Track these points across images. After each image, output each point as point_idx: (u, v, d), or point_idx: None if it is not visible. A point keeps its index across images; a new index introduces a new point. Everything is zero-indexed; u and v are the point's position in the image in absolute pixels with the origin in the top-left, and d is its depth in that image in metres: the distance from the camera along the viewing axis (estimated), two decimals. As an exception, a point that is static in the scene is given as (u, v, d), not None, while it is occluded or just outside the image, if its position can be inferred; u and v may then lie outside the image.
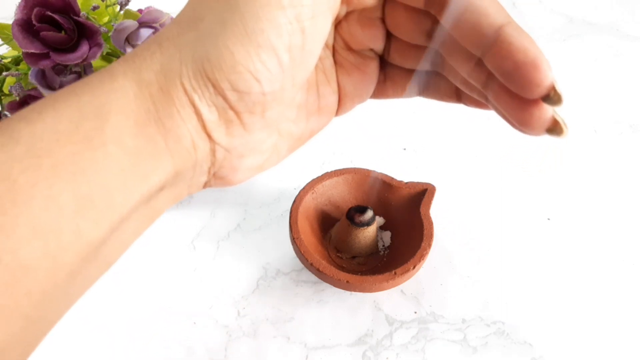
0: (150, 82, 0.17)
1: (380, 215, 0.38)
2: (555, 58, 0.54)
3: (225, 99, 0.17)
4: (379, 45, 0.21)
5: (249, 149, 0.19)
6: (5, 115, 0.34)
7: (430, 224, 0.35)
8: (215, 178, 0.20)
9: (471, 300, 0.36)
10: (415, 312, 0.36)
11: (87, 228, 0.16)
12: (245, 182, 0.42)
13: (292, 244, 0.35)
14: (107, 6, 0.34)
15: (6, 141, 0.15)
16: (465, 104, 0.22)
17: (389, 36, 0.21)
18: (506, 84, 0.17)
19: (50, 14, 0.31)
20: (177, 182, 0.18)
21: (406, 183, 0.38)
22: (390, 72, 0.22)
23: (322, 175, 0.38)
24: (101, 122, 0.16)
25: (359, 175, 0.38)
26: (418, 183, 0.38)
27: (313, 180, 0.38)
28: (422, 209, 0.36)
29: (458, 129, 0.48)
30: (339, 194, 0.39)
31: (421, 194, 0.37)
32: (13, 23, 0.31)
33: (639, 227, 0.40)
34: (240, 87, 0.17)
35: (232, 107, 0.18)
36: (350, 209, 0.35)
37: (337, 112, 0.23)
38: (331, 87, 0.22)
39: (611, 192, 0.43)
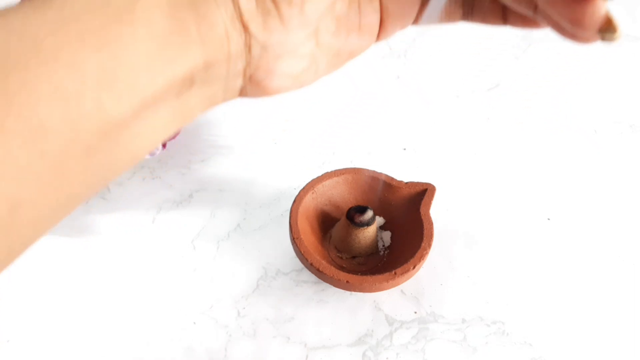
0: None
1: (380, 215, 0.38)
2: (555, 58, 0.54)
3: None
4: None
5: (286, 49, 0.19)
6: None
7: (430, 224, 0.35)
8: (251, 83, 0.19)
9: (471, 300, 0.36)
10: (415, 312, 0.36)
11: (109, 102, 0.15)
12: (245, 182, 0.43)
13: (292, 244, 0.35)
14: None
15: (39, 3, 0.15)
16: (512, 24, 0.21)
17: None
18: None
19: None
20: (210, 78, 0.18)
21: (406, 183, 0.38)
22: None
23: (322, 175, 0.38)
24: (133, 4, 0.16)
25: (359, 175, 0.38)
26: (418, 183, 0.38)
27: (313, 180, 0.38)
28: (422, 209, 0.36)
29: (458, 129, 0.48)
30: (339, 194, 0.39)
31: (421, 194, 0.37)
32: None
33: (639, 227, 0.40)
34: None
35: None
36: (350, 209, 0.35)
37: (379, 35, 0.22)
38: (373, 5, 0.21)
39: (611, 192, 0.43)
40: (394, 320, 0.35)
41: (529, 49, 0.55)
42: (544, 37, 0.56)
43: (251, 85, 0.19)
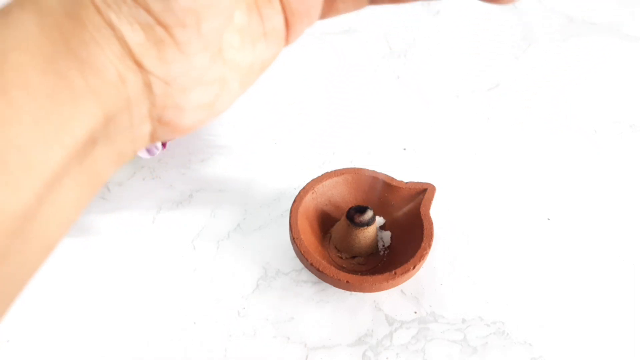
0: (53, 9, 0.14)
1: (380, 215, 0.38)
2: (555, 58, 0.54)
3: (148, 10, 0.14)
4: None
5: (191, 78, 0.16)
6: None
7: (430, 224, 0.35)
8: (161, 124, 0.17)
9: (471, 300, 0.36)
10: (415, 312, 0.36)
11: (5, 197, 0.13)
12: (245, 182, 0.43)
13: (292, 244, 0.35)
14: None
15: None
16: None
17: None
18: None
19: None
20: (113, 132, 0.15)
21: (406, 183, 0.38)
22: None
23: (322, 175, 0.38)
24: None
25: (359, 175, 0.38)
26: (418, 183, 0.38)
27: (313, 180, 0.38)
28: (422, 209, 0.36)
29: (458, 128, 0.48)
30: (339, 194, 0.39)
31: (421, 194, 0.37)
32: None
33: (638, 227, 0.40)
34: None
35: (159, 21, 0.15)
36: (350, 209, 0.35)
37: (287, 37, 0.20)
38: (274, 8, 0.19)
39: (611, 192, 0.43)
40: (394, 320, 0.35)
41: (529, 49, 0.55)
42: (544, 37, 0.56)
43: (162, 127, 0.17)
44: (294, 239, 0.34)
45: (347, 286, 0.33)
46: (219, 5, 0.15)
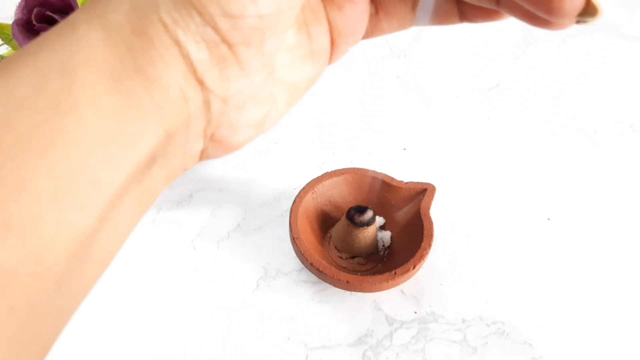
0: (120, 25, 0.14)
1: (380, 215, 0.38)
2: (555, 58, 0.54)
3: (215, 28, 0.14)
4: None
5: (247, 96, 0.16)
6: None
7: (430, 224, 0.35)
8: (213, 142, 0.17)
9: (471, 300, 0.36)
10: (415, 312, 0.36)
11: (72, 217, 0.13)
12: (245, 182, 0.43)
13: (292, 244, 0.35)
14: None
15: None
16: (470, 20, 0.19)
17: None
18: None
19: (50, 14, 0.31)
20: (170, 151, 0.15)
21: (406, 183, 0.38)
22: (382, 1, 0.20)
23: (322, 175, 0.38)
24: (68, 81, 0.13)
25: (359, 175, 0.38)
26: (418, 183, 0.38)
27: (313, 180, 0.38)
28: (422, 209, 0.36)
29: (458, 128, 0.48)
30: (339, 194, 0.39)
31: (421, 194, 0.37)
32: (13, 23, 0.31)
33: (638, 227, 0.40)
34: (233, 10, 0.14)
35: (224, 39, 0.14)
36: (350, 209, 0.35)
37: (331, 56, 0.20)
38: (322, 26, 0.19)
39: (611, 192, 0.43)
40: (394, 320, 0.35)
41: (529, 49, 0.55)
42: (544, 37, 0.56)
43: (213, 145, 0.17)
44: (294, 239, 0.34)
45: (347, 286, 0.33)
46: (282, 24, 0.16)
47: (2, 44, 0.35)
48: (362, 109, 0.49)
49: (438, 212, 0.39)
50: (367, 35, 0.21)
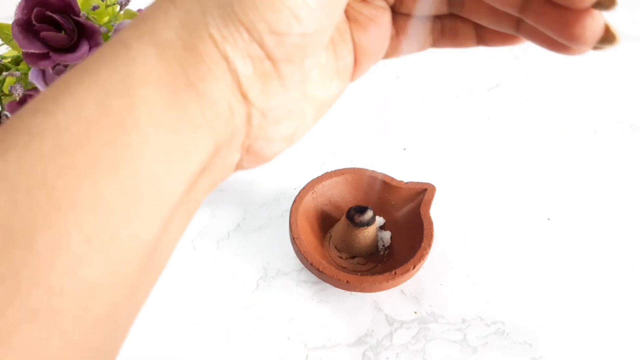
0: (171, 42, 0.14)
1: (380, 215, 0.38)
2: (555, 58, 0.54)
3: (261, 45, 0.15)
4: None
5: (284, 111, 0.17)
6: (6, 116, 0.34)
7: (430, 224, 0.35)
8: (249, 154, 0.18)
9: (471, 300, 0.36)
10: (415, 312, 0.36)
11: (142, 229, 0.14)
12: (245, 182, 0.43)
13: (292, 244, 0.35)
14: (107, 6, 0.34)
15: (27, 140, 0.13)
16: (487, 44, 0.20)
17: None
18: None
19: (50, 14, 0.31)
20: (215, 162, 0.16)
21: (406, 183, 0.38)
22: (402, 23, 0.21)
23: (322, 175, 0.38)
24: (130, 99, 0.14)
25: (359, 175, 0.38)
26: (418, 183, 0.38)
27: (313, 180, 0.38)
28: (422, 209, 0.36)
29: (458, 128, 0.48)
30: (339, 194, 0.39)
31: (421, 194, 0.37)
32: (13, 23, 0.31)
33: (639, 227, 0.40)
34: (280, 28, 0.15)
35: (269, 55, 0.15)
36: (350, 209, 0.35)
37: (354, 74, 0.21)
38: (347, 46, 0.20)
39: (611, 192, 0.43)
40: (394, 320, 0.35)
41: (529, 49, 0.55)
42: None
43: (248, 157, 0.18)
44: (294, 239, 0.34)
45: (347, 286, 0.33)
46: (322, 43, 0.16)
47: (2, 44, 0.35)
48: (362, 108, 0.49)
49: (438, 212, 0.40)
50: (388, 55, 0.22)
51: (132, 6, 0.36)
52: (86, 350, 0.13)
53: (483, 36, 0.20)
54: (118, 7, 0.35)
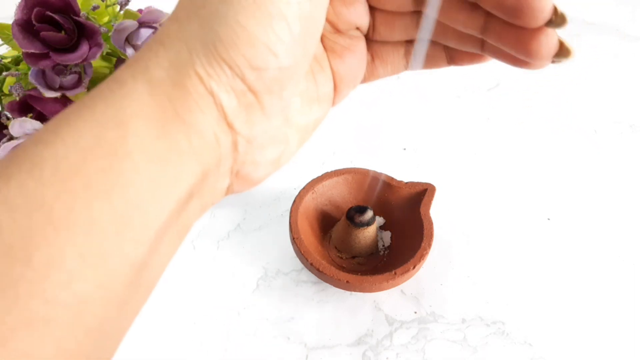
0: (161, 79, 0.16)
1: (380, 215, 0.38)
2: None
3: (243, 79, 0.16)
4: (365, 21, 0.21)
5: (268, 137, 0.19)
6: (6, 116, 0.34)
7: (430, 224, 0.35)
8: (238, 178, 0.19)
9: (471, 300, 0.36)
10: (415, 312, 0.36)
11: (130, 249, 0.15)
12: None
13: (292, 244, 0.35)
14: (107, 6, 0.34)
15: (29, 167, 0.14)
16: (458, 63, 0.22)
17: (372, 10, 0.21)
18: (508, 19, 0.17)
19: (50, 14, 0.31)
20: (203, 187, 0.18)
21: (406, 183, 0.38)
22: (377, 50, 0.23)
23: (322, 175, 0.38)
24: (122, 131, 0.15)
25: (359, 175, 0.38)
26: (418, 183, 0.38)
27: (313, 180, 0.38)
28: (422, 209, 0.36)
29: (458, 128, 0.48)
30: (339, 194, 0.39)
31: (421, 194, 0.37)
32: (13, 23, 0.31)
33: (639, 227, 0.40)
34: (258, 63, 0.16)
35: (251, 89, 0.17)
36: (350, 209, 0.35)
37: (334, 99, 0.23)
38: (326, 74, 0.21)
39: (611, 192, 0.43)
40: (394, 320, 0.35)
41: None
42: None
43: (238, 181, 0.19)
44: (294, 239, 0.34)
45: (347, 286, 0.33)
46: (299, 73, 0.18)
47: (2, 44, 0.35)
48: (362, 109, 0.49)
49: (438, 212, 0.40)
50: (365, 80, 0.23)
51: (132, 6, 0.36)
52: (78, 358, 0.14)
53: (453, 56, 0.22)
54: (118, 7, 0.35)
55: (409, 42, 0.22)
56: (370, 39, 0.22)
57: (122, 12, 0.35)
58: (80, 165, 0.14)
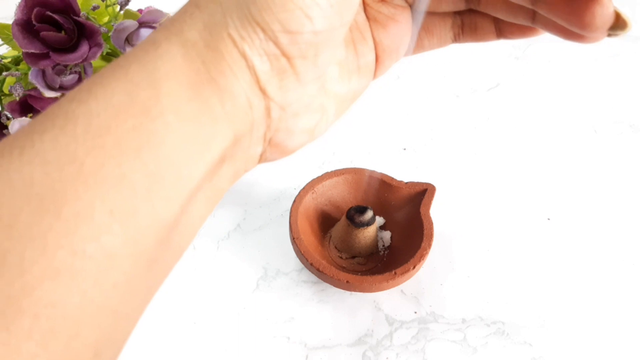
0: (195, 41, 0.16)
1: (380, 215, 0.38)
2: (555, 58, 0.54)
3: (276, 43, 0.16)
4: None
5: (303, 105, 0.19)
6: (6, 116, 0.34)
7: (430, 224, 0.35)
8: (271, 146, 0.19)
9: (471, 300, 0.36)
10: (415, 312, 0.36)
11: (161, 207, 0.15)
12: (245, 182, 0.43)
13: (292, 244, 0.35)
14: (107, 6, 0.34)
15: (63, 123, 0.14)
16: (507, 36, 0.21)
17: None
18: None
19: (50, 14, 0.31)
20: (236, 152, 0.18)
21: (406, 183, 0.38)
22: (424, 21, 0.22)
23: (322, 175, 0.38)
24: (155, 90, 0.15)
25: (359, 175, 0.38)
26: (418, 183, 0.38)
27: (313, 180, 0.38)
28: (422, 209, 0.36)
29: (458, 128, 0.48)
30: (339, 194, 0.39)
31: (421, 194, 0.37)
32: (13, 23, 0.31)
33: (639, 227, 0.40)
34: (292, 27, 0.16)
35: (284, 53, 0.17)
36: (350, 209, 0.35)
37: (376, 71, 0.22)
38: (368, 44, 0.21)
39: (611, 192, 0.43)
40: (394, 320, 0.35)
41: (529, 49, 0.55)
42: (544, 37, 0.56)
43: (271, 149, 0.19)
44: (294, 239, 0.34)
45: (347, 286, 0.33)
46: (335, 40, 0.18)
47: (2, 44, 0.35)
48: (362, 109, 0.49)
49: (438, 212, 0.40)
50: (409, 52, 0.22)
51: (132, 6, 0.36)
52: (103, 311, 0.14)
53: (502, 29, 0.21)
54: (118, 7, 0.35)
55: (457, 14, 0.21)
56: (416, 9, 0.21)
57: (122, 12, 0.35)
58: (112, 123, 0.15)
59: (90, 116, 0.15)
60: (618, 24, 0.16)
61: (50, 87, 0.32)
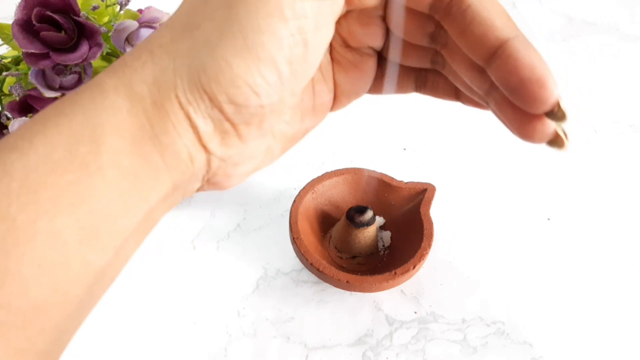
0: (143, 96, 0.16)
1: (380, 215, 0.38)
2: (555, 58, 0.54)
3: (221, 111, 0.17)
4: (378, 43, 0.20)
5: (243, 157, 0.19)
6: (6, 116, 0.34)
7: (430, 224, 0.35)
8: (209, 184, 0.19)
9: (471, 300, 0.36)
10: (415, 312, 0.36)
11: (93, 257, 0.16)
12: (245, 182, 0.43)
13: (292, 244, 0.35)
14: (107, 6, 0.34)
15: (0, 176, 0.15)
16: (463, 103, 0.21)
17: (388, 33, 0.20)
18: (509, 98, 0.17)
19: (50, 14, 0.31)
20: (174, 194, 0.18)
21: (406, 183, 0.38)
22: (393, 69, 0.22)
23: (322, 175, 0.38)
24: (96, 146, 0.15)
25: (359, 175, 0.38)
26: (418, 183, 0.38)
27: (313, 180, 0.38)
28: (422, 209, 0.36)
29: (458, 128, 0.48)
30: (339, 194, 0.39)
31: (421, 194, 0.37)
32: (13, 23, 0.31)
33: (639, 227, 0.40)
34: (239, 101, 0.16)
35: (228, 119, 0.17)
36: (350, 209, 0.35)
37: (333, 108, 0.22)
38: (327, 86, 0.21)
39: (611, 192, 0.43)
40: (394, 320, 0.35)
41: (529, 49, 0.55)
42: (544, 38, 0.56)
43: (209, 186, 0.20)
44: (294, 239, 0.34)
45: (347, 286, 0.33)
46: (281, 110, 0.18)
47: (2, 44, 0.35)
48: (362, 108, 0.49)
49: (438, 212, 0.40)
50: (369, 92, 0.23)
51: (132, 6, 0.36)
52: (30, 354, 0.15)
53: (460, 96, 0.21)
54: (118, 7, 0.35)
55: (422, 70, 0.21)
56: (383, 56, 0.21)
57: (122, 12, 0.35)
58: (49, 178, 0.15)
59: (28, 171, 0.15)
60: (555, 142, 0.17)
61: (50, 87, 0.32)
